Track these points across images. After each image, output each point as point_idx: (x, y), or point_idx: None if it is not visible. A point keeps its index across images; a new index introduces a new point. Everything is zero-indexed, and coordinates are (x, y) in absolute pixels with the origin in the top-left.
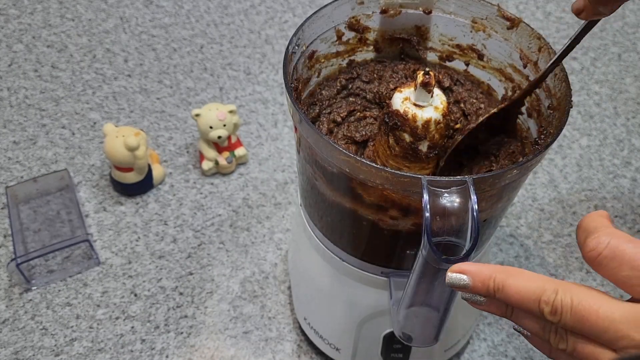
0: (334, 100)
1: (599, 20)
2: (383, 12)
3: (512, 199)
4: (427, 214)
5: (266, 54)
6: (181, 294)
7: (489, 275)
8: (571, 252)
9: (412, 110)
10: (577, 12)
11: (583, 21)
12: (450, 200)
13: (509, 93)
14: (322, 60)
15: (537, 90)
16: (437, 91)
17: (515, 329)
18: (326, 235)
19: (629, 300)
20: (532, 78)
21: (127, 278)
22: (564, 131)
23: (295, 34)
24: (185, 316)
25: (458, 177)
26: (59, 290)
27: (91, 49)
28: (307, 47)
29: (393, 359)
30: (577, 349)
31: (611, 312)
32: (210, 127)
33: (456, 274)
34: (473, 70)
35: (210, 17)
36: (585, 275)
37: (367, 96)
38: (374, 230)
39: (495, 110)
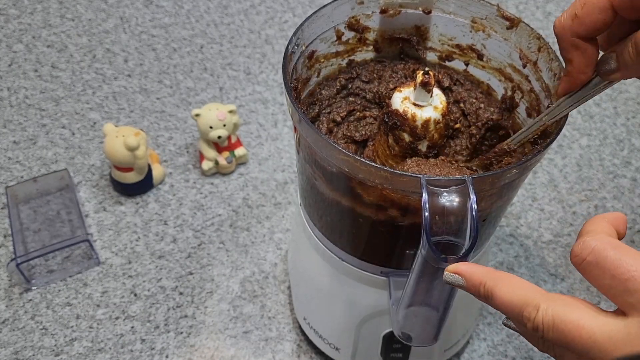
0: (334, 100)
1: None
2: (383, 12)
3: (511, 199)
4: (427, 214)
5: (266, 54)
6: (181, 293)
7: (480, 280)
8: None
9: (411, 110)
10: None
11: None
12: (450, 199)
13: (509, 93)
14: (322, 60)
15: (537, 90)
16: (436, 91)
17: (504, 323)
18: (326, 235)
19: (614, 312)
20: (531, 78)
21: (127, 278)
22: (564, 131)
23: (294, 34)
24: (185, 316)
25: (457, 176)
26: (59, 290)
27: (91, 49)
28: (307, 46)
29: (393, 359)
30: (564, 358)
31: (593, 332)
32: (210, 127)
33: (452, 274)
34: (473, 70)
35: (210, 17)
36: None
37: (367, 96)
38: (374, 229)
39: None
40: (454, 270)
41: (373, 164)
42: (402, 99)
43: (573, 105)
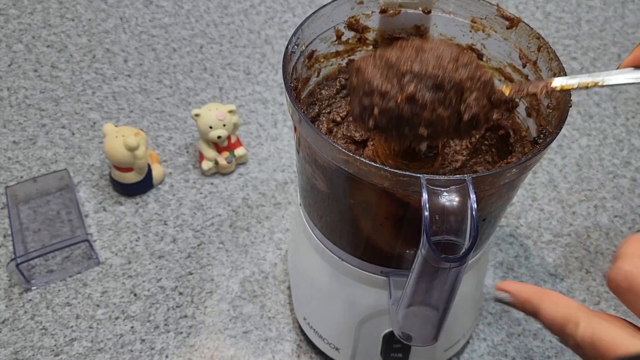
0: (334, 100)
1: None
2: (382, 11)
3: (511, 198)
4: (427, 213)
5: (266, 54)
6: (181, 293)
7: (526, 298)
8: (571, 252)
9: None
10: None
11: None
12: (450, 199)
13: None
14: (322, 60)
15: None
16: None
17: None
18: (325, 235)
19: None
20: (531, 77)
21: (127, 278)
22: (564, 131)
23: (294, 34)
24: (185, 316)
25: (457, 176)
26: (59, 290)
27: (91, 49)
28: (307, 46)
29: (393, 359)
30: None
31: (629, 351)
32: (210, 127)
33: (501, 291)
34: None
35: (210, 17)
36: (585, 275)
37: None
38: (374, 229)
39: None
40: (501, 288)
41: (373, 163)
42: None
43: (634, 79)
